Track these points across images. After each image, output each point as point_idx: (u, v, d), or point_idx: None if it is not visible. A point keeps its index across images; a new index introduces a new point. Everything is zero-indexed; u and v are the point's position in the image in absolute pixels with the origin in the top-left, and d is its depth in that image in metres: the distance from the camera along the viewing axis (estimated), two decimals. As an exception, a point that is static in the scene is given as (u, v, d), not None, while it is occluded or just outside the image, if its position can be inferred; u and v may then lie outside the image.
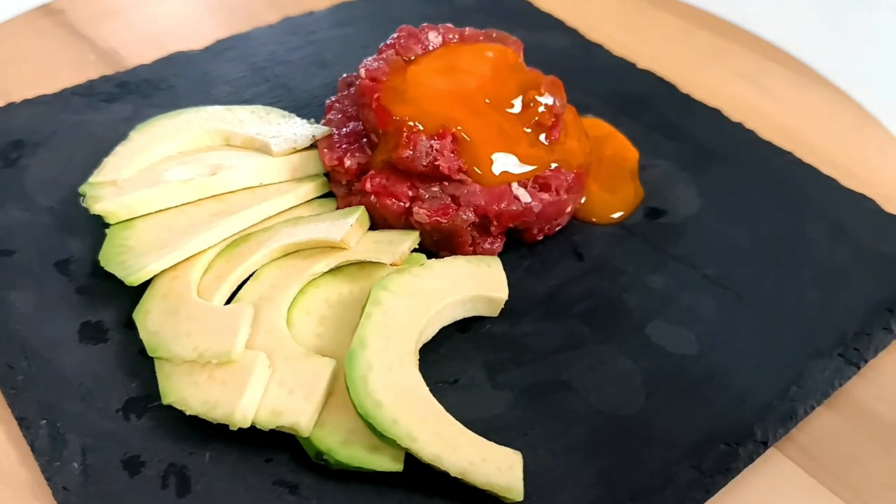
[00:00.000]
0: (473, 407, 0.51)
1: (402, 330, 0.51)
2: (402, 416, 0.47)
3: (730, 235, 0.64)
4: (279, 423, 0.47)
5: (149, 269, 0.54)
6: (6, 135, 0.69)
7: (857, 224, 0.65)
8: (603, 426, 0.51)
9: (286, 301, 0.54)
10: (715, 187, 0.68)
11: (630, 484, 0.48)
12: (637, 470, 0.49)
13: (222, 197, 0.61)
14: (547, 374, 0.54)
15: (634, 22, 0.92)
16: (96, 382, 0.51)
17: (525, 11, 0.90)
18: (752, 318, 0.58)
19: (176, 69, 0.77)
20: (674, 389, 0.53)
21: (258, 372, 0.48)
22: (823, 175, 0.70)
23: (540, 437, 0.50)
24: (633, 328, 0.57)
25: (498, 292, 0.56)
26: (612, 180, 0.67)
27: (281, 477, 0.47)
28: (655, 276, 0.61)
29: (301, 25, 0.85)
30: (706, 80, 0.82)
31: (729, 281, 0.60)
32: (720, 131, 0.74)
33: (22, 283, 0.57)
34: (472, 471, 0.46)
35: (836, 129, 0.77)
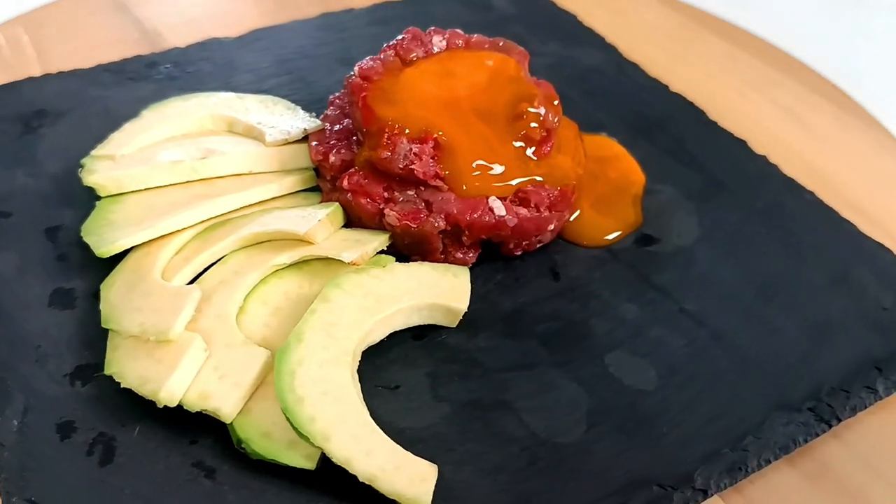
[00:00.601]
0: (408, 415, 0.51)
1: (344, 329, 0.51)
2: (322, 414, 0.46)
3: (720, 272, 0.61)
4: (204, 406, 0.48)
5: (119, 244, 0.56)
6: (34, 103, 0.72)
7: (865, 274, 0.61)
8: (535, 452, 0.49)
9: (244, 288, 0.54)
10: (718, 220, 0.65)
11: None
12: (558, 501, 0.47)
13: (211, 181, 0.62)
14: (491, 391, 0.52)
15: (680, 43, 0.89)
16: (53, 347, 0.53)
17: (566, 24, 0.88)
18: (721, 360, 0.55)
19: (206, 54, 0.80)
20: (618, 423, 0.51)
21: (191, 354, 0.49)
22: (842, 219, 0.66)
23: (468, 454, 0.49)
24: (592, 355, 0.55)
25: (457, 303, 0.55)
26: (607, 203, 0.65)
27: (201, 460, 0.48)
28: (630, 305, 0.58)
29: (337, 22, 0.86)
30: (742, 108, 0.79)
31: (707, 318, 0.58)
32: (739, 163, 0.71)
33: (9, 245, 0.59)
34: (381, 478, 0.45)
35: (872, 174, 0.73)
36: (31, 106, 0.72)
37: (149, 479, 0.47)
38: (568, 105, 0.74)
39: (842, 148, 0.75)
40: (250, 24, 0.86)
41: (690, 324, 0.57)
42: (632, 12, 0.93)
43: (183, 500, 0.46)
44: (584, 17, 0.91)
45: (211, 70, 0.78)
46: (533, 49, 0.79)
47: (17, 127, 0.70)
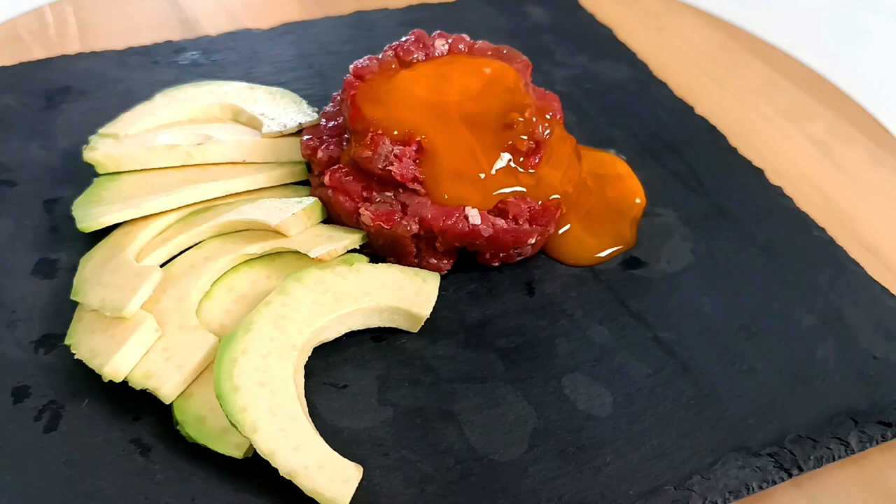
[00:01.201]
0: (349, 415, 0.51)
1: (296, 323, 0.51)
2: (254, 405, 0.47)
3: (703, 303, 0.59)
4: (146, 384, 0.49)
5: (101, 220, 0.57)
6: (61, 80, 0.75)
7: (862, 319, 0.58)
8: (469, 466, 0.49)
9: (211, 274, 0.55)
10: (713, 249, 0.63)
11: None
12: (481, 519, 0.46)
13: (206, 167, 0.63)
14: (437, 400, 0.52)
15: (719, 65, 0.86)
16: (26, 313, 0.55)
17: (599, 37, 0.87)
18: (685, 394, 0.53)
19: (233, 44, 0.81)
20: (561, 447, 0.50)
21: (141, 333, 0.50)
22: (849, 260, 0.63)
23: (401, 460, 0.49)
24: (549, 375, 0.54)
25: (420, 309, 0.55)
26: (599, 222, 0.64)
27: (140, 437, 0.49)
28: (601, 328, 0.57)
29: (367, 21, 0.86)
30: (769, 136, 0.76)
31: (679, 349, 0.56)
32: (750, 192, 0.68)
33: (8, 212, 0.62)
34: (302, 475, 0.45)
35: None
36: (58, 82, 0.75)
37: (85, 450, 0.48)
38: (582, 119, 0.73)
39: (868, 185, 0.72)
40: (286, 17, 0.87)
41: (660, 353, 0.55)
42: (673, 30, 0.91)
43: (113, 473, 0.47)
44: (621, 31, 0.89)
45: (235, 59, 0.79)
46: (559, 60, 0.79)
47: (41, 101, 0.73)
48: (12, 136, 0.69)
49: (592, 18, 0.90)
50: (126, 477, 0.47)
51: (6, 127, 0.69)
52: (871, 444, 0.52)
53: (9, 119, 0.70)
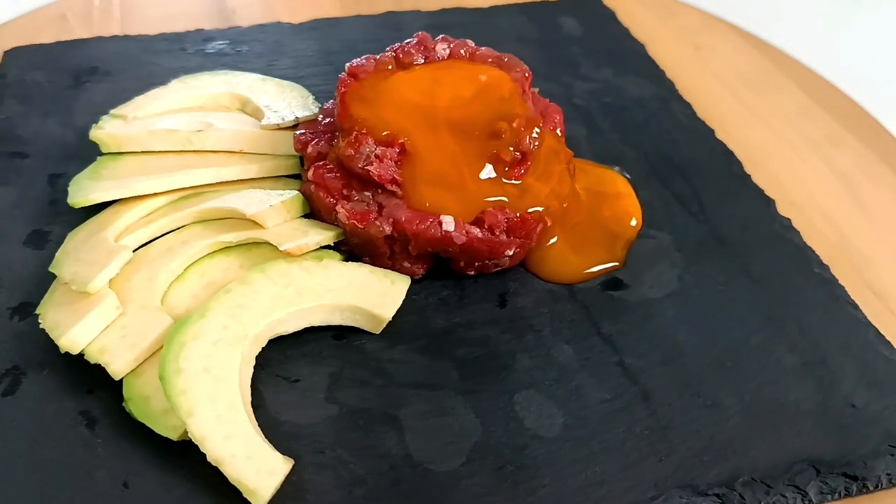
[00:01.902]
0: (294, 410, 0.51)
1: (252, 313, 0.52)
2: (194, 389, 0.48)
3: (680, 332, 0.57)
4: (99, 359, 0.50)
5: (91, 197, 0.59)
6: (89, 60, 0.78)
7: (847, 365, 0.55)
8: (403, 473, 0.48)
9: (184, 258, 0.56)
10: (702, 277, 0.61)
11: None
12: (402, 527, 0.46)
13: (203, 154, 0.65)
14: (384, 403, 0.52)
15: (752, 87, 0.83)
16: (10, 281, 0.57)
17: (629, 52, 0.85)
18: (640, 423, 0.51)
19: (261, 36, 0.83)
20: (499, 464, 0.49)
21: (101, 308, 0.51)
22: (848, 302, 0.60)
23: (335, 459, 0.49)
24: (502, 390, 0.53)
25: (383, 310, 0.55)
26: (586, 240, 0.62)
27: (89, 410, 0.50)
28: (566, 347, 0.56)
29: (397, 21, 0.87)
30: (791, 166, 0.73)
31: (643, 377, 0.54)
32: (755, 222, 0.65)
33: (14, 183, 0.65)
34: (228, 463, 0.46)
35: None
36: (87, 63, 0.78)
37: (35, 418, 0.50)
38: (594, 134, 0.71)
39: (889, 226, 0.68)
40: (320, 13, 0.88)
41: (622, 379, 0.54)
42: (711, 48, 0.88)
43: (57, 442, 0.48)
44: (656, 47, 0.87)
45: (259, 51, 0.81)
46: (582, 73, 0.77)
47: (68, 79, 0.76)
48: (34, 110, 0.72)
49: (627, 33, 0.88)
50: (69, 447, 0.48)
51: (30, 102, 0.72)
52: (832, 497, 0.49)
53: (34, 94, 0.73)
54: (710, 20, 0.93)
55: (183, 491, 0.47)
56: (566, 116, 0.72)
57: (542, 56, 0.83)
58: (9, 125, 0.70)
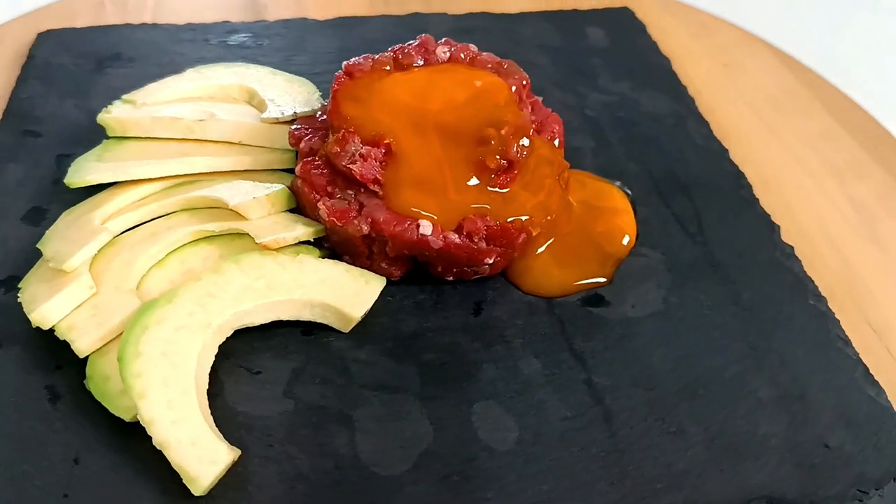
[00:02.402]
0: (251, 401, 0.51)
1: (220, 303, 0.52)
2: (150, 373, 0.48)
3: (655, 354, 0.55)
4: (67, 336, 0.51)
5: (85, 178, 0.61)
6: (114, 47, 0.80)
7: (827, 402, 0.53)
8: (347, 474, 0.48)
9: (166, 244, 0.57)
10: (687, 301, 0.59)
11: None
12: (336, 527, 0.46)
13: (203, 143, 0.66)
14: (341, 403, 0.52)
15: (779, 109, 0.80)
16: (3, 254, 0.59)
17: (652, 67, 0.83)
18: (598, 444, 0.50)
19: (284, 31, 0.84)
20: (445, 473, 0.48)
21: (74, 287, 0.52)
22: (839, 338, 0.58)
23: (282, 454, 0.49)
24: (462, 399, 0.52)
25: (353, 310, 0.55)
26: (573, 255, 0.61)
27: (54, 385, 0.51)
28: (534, 360, 0.55)
29: (421, 23, 0.87)
30: (806, 191, 0.71)
31: (609, 398, 0.53)
32: (754, 248, 0.63)
33: (22, 160, 0.67)
34: (173, 448, 0.46)
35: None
36: (112, 49, 0.80)
37: (2, 389, 0.51)
38: (601, 146, 0.70)
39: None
40: (348, 11, 0.89)
41: (587, 398, 0.53)
42: (740, 67, 0.86)
43: (19, 414, 0.50)
44: (684, 63, 0.85)
45: (279, 46, 0.82)
46: (599, 85, 0.77)
47: (92, 64, 0.78)
48: (53, 91, 0.74)
49: (654, 47, 0.86)
50: (29, 420, 0.50)
51: (51, 83, 0.75)
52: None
53: (57, 76, 0.76)
54: (746, 38, 0.90)
55: (130, 472, 0.47)
56: (575, 127, 0.72)
57: (562, 65, 0.82)
58: (28, 104, 0.72)
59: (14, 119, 0.71)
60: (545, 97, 0.76)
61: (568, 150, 0.69)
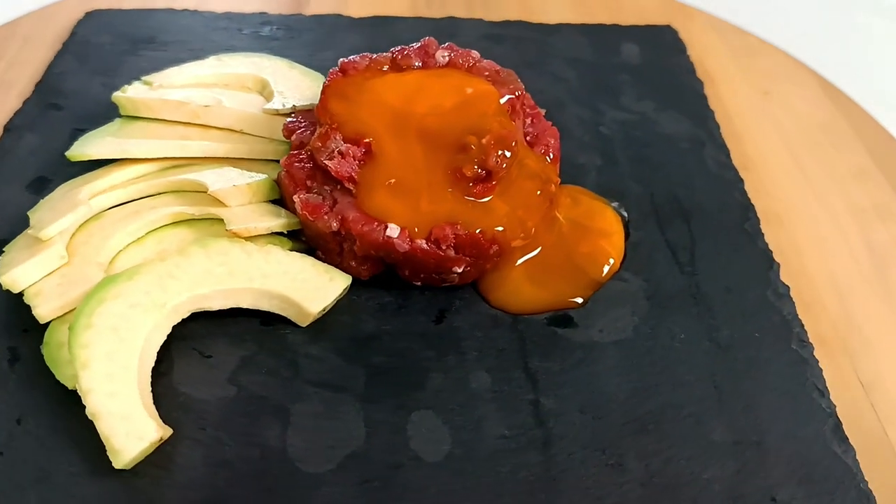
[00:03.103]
0: (195, 384, 0.52)
1: (179, 284, 0.54)
2: (97, 345, 0.50)
3: (611, 383, 0.54)
4: (31, 301, 0.53)
5: (85, 152, 0.63)
6: (152, 29, 0.83)
7: (785, 455, 0.51)
8: (269, 466, 0.48)
9: (145, 223, 0.59)
10: (660, 332, 0.57)
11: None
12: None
13: (207, 129, 0.67)
14: (282, 396, 0.52)
15: (812, 142, 0.77)
16: (1, 219, 0.62)
17: (681, 87, 0.80)
18: (528, 468, 0.49)
19: (316, 27, 0.85)
20: (368, 478, 0.48)
21: (45, 255, 0.54)
22: (819, 387, 0.55)
23: (212, 439, 0.50)
24: (402, 405, 0.52)
25: (311, 305, 0.55)
26: (550, 274, 0.60)
27: (17, 347, 0.54)
28: (485, 375, 0.54)
29: (453, 28, 0.86)
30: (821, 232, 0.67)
31: (553, 421, 0.51)
32: (745, 284, 0.60)
33: (40, 130, 0.70)
34: (103, 419, 0.47)
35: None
36: (148, 31, 0.82)
37: (-33, 347, 0.53)
38: (607, 164, 0.69)
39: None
40: (387, 11, 0.89)
41: (529, 419, 0.51)
42: (780, 95, 0.82)
43: (-24, 372, 0.52)
44: (719, 88, 0.82)
45: (307, 40, 0.83)
46: (621, 102, 0.75)
47: (127, 45, 0.81)
48: (85, 68, 0.77)
49: (690, 68, 0.83)
50: (-17, 379, 0.52)
51: (85, 60, 0.78)
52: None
53: (92, 54, 0.79)
54: (792, 65, 0.86)
55: (66, 438, 0.49)
56: (585, 143, 0.70)
57: (588, 80, 0.80)
58: (59, 79, 0.76)
59: (43, 91, 0.74)
60: (562, 111, 0.75)
61: (572, 166, 0.68)
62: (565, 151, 0.70)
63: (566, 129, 0.73)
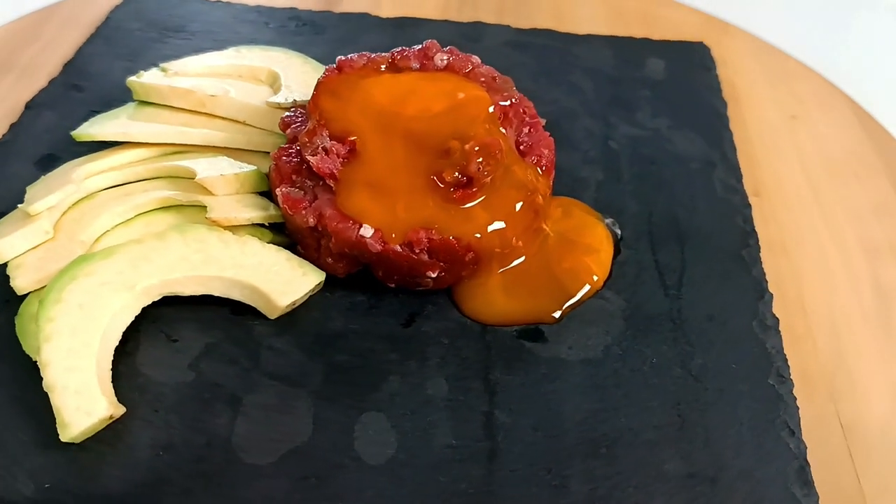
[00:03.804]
0: (157, 366, 0.53)
1: (152, 267, 0.55)
2: (62, 319, 0.51)
3: (571, 402, 0.52)
4: (12, 273, 0.55)
5: (89, 133, 0.65)
6: (183, 19, 0.85)
7: (739, 496, 0.48)
8: (212, 453, 0.49)
9: (132, 205, 0.60)
10: (630, 354, 0.55)
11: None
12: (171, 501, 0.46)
13: (212, 118, 0.68)
14: (237, 386, 0.52)
15: (834, 173, 0.74)
16: (5, 191, 0.64)
17: (702, 107, 0.78)
18: (467, 480, 0.48)
19: (343, 25, 0.86)
20: (306, 474, 0.48)
21: (31, 229, 0.56)
22: (790, 426, 0.52)
23: (162, 422, 0.50)
24: (354, 405, 0.52)
25: (279, 298, 0.55)
26: (526, 288, 0.59)
27: (-6, 316, 0.55)
28: (443, 382, 0.53)
29: (479, 33, 0.86)
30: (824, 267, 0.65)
31: (503, 436, 0.50)
32: (729, 313, 0.58)
33: (58, 109, 0.72)
34: (57, 392, 0.49)
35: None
36: (179, 21, 0.85)
37: (-53, 313, 0.55)
38: (609, 180, 0.68)
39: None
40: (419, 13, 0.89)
41: (479, 431, 0.50)
42: (809, 121, 0.79)
43: (-47, 335, 0.54)
44: (746, 108, 0.80)
45: (332, 38, 0.84)
46: (636, 118, 0.74)
47: (154, 33, 0.83)
48: (112, 53, 0.79)
49: (716, 87, 0.81)
50: (-44, 345, 0.53)
51: (115, 45, 0.80)
52: None
53: (122, 40, 0.81)
54: (827, 89, 0.83)
55: (24, 408, 0.50)
56: (591, 157, 0.69)
57: (606, 92, 0.78)
58: (85, 61, 0.78)
59: (69, 73, 0.77)
60: (572, 122, 0.74)
61: (572, 179, 0.67)
62: (568, 163, 0.69)
63: (573, 140, 0.72)
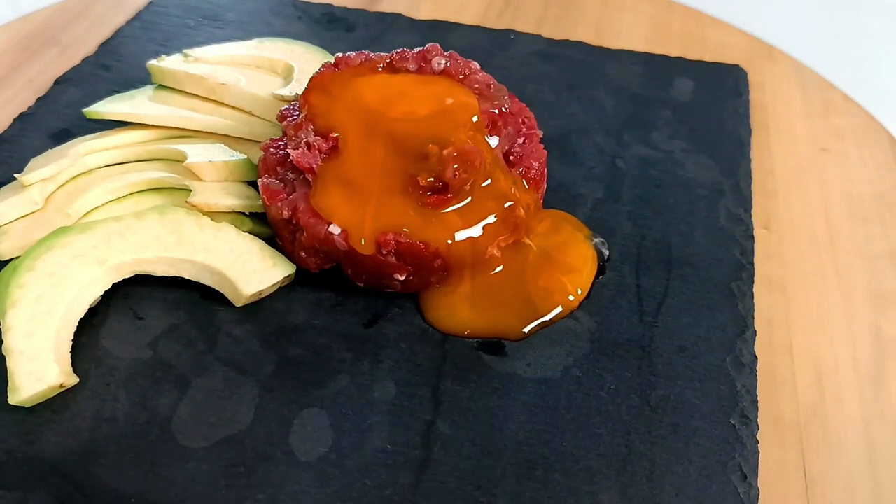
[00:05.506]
0: (118, 340, 0.54)
1: (125, 244, 0.56)
2: (31, 287, 0.53)
3: (516, 420, 0.51)
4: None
5: (98, 111, 0.67)
6: (223, 8, 0.87)
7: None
8: (151, 430, 0.50)
9: (123, 183, 0.62)
10: (588, 379, 0.54)
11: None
12: (116, 483, 0.47)
13: (220, 106, 0.70)
14: (190, 368, 0.53)
15: (859, 211, 0.70)
16: (16, 158, 0.67)
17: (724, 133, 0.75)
18: (395, 485, 0.48)
19: (374, 24, 0.86)
20: (236, 462, 0.49)
21: (19, 198, 0.58)
22: (742, 471, 0.50)
23: (110, 397, 0.51)
24: (298, 399, 0.52)
25: (244, 286, 0.56)
26: (493, 301, 0.57)
27: (-23, 281, 0.58)
28: (391, 387, 0.53)
29: (506, 41, 0.85)
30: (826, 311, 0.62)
31: (439, 446, 0.50)
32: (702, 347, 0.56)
33: (84, 87, 0.75)
34: (14, 356, 0.50)
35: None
36: (219, 9, 0.87)
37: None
38: (609, 198, 0.67)
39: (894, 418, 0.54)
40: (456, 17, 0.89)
41: (416, 439, 0.50)
42: (840, 155, 0.75)
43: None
44: (773, 138, 0.77)
45: (360, 36, 0.84)
46: (650, 138, 0.72)
47: (193, 20, 0.85)
48: (146, 37, 0.82)
49: (744, 114, 0.78)
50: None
51: (154, 30, 0.83)
52: None
53: (158, 25, 0.84)
54: (867, 123, 0.79)
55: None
56: (595, 175, 0.68)
57: (625, 110, 0.77)
58: (119, 43, 0.81)
59: (103, 53, 0.80)
60: (583, 137, 0.72)
61: (570, 194, 0.66)
62: (569, 178, 0.68)
63: (580, 156, 0.70)
